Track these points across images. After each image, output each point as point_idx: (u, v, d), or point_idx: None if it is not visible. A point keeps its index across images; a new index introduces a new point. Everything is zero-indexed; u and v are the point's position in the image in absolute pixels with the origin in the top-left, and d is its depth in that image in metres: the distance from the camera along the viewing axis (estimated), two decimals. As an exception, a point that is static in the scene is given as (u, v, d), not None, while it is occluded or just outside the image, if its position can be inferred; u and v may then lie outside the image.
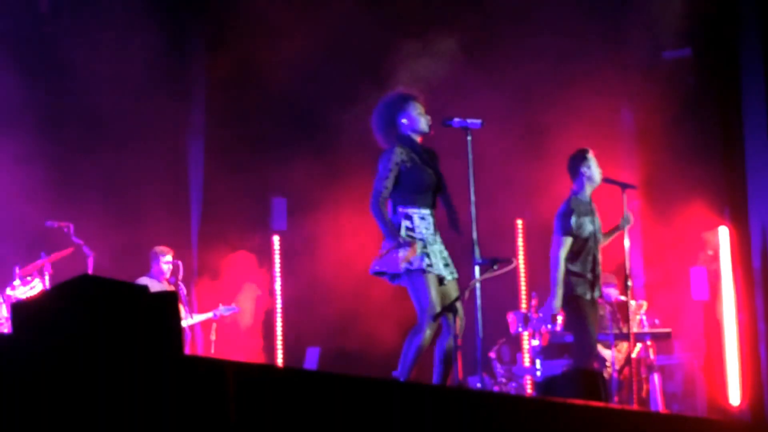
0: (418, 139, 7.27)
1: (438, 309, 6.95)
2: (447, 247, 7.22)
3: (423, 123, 7.26)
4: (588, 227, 8.57)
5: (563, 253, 8.47)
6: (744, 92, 10.88)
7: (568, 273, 8.50)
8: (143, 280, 10.49)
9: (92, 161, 10.98)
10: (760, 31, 10.77)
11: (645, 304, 10.27)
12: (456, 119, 7.27)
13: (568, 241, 8.49)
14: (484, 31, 11.13)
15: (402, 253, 6.96)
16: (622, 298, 9.93)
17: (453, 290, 7.12)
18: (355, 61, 11.37)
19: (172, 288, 10.68)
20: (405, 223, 7.07)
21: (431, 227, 7.11)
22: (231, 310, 11.25)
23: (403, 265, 6.98)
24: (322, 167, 11.38)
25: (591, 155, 8.69)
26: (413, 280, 6.99)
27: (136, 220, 11.15)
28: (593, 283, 8.50)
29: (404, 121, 7.25)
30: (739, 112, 10.98)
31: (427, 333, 6.94)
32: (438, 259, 7.06)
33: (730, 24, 10.88)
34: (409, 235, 7.01)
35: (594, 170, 8.64)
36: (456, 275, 7.18)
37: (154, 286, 10.43)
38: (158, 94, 11.50)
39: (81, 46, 10.97)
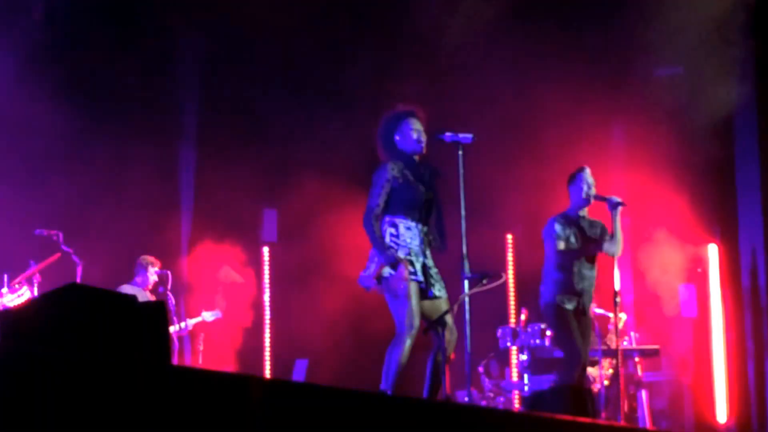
0: (414, 156, 7.26)
1: (417, 319, 6.95)
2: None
3: (415, 141, 7.25)
4: (573, 240, 8.58)
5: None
6: (735, 110, 10.91)
7: (554, 281, 8.50)
8: (126, 288, 10.46)
9: (82, 169, 10.95)
10: (752, 48, 10.80)
11: (624, 316, 10.27)
12: (447, 133, 7.27)
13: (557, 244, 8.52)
14: (476, 46, 11.13)
15: (389, 271, 6.96)
16: (599, 311, 9.90)
17: (444, 305, 7.12)
18: (348, 74, 11.38)
19: (153, 298, 10.65)
20: (390, 230, 7.07)
21: (418, 239, 7.09)
22: (215, 315, 11.21)
23: (386, 272, 6.97)
24: (313, 179, 11.37)
25: (584, 174, 8.65)
26: (393, 288, 6.97)
27: (127, 229, 11.13)
28: (578, 295, 8.49)
29: (397, 138, 7.27)
30: (730, 130, 11.00)
31: (407, 344, 6.93)
32: (419, 268, 7.04)
33: (722, 41, 10.90)
34: (393, 242, 7.02)
35: (583, 188, 8.61)
36: (446, 294, 7.18)
37: (138, 295, 10.41)
38: (150, 102, 11.49)
39: (72, 53, 10.97)
